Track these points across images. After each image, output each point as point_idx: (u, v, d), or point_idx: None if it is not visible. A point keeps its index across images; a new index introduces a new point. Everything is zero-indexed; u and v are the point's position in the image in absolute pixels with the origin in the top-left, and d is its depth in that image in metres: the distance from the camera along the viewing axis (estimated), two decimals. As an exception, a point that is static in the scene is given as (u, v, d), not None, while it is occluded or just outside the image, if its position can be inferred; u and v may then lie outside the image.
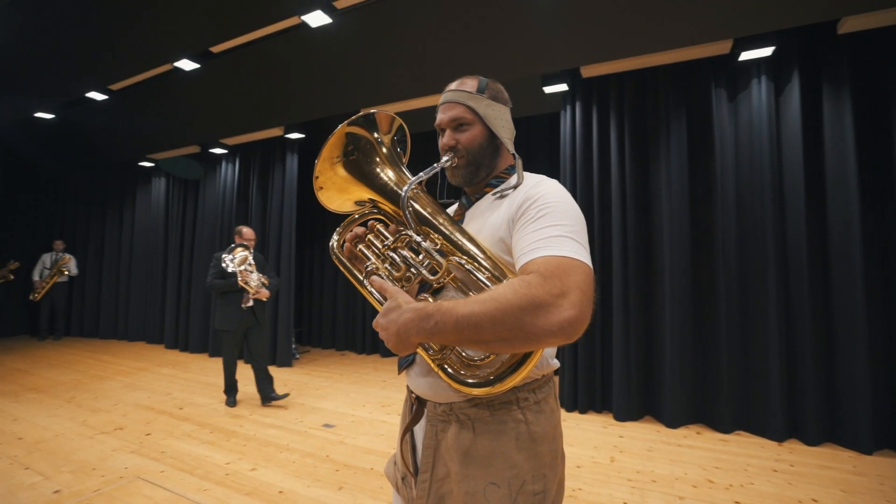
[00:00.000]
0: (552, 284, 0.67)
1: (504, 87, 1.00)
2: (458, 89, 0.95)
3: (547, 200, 0.81)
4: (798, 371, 3.18)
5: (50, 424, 3.38)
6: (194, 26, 3.64)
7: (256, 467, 2.69)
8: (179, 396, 4.15)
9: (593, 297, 0.71)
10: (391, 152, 1.00)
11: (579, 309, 0.66)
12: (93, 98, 5.06)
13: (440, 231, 0.86)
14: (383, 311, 0.76)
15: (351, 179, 0.96)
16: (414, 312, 0.72)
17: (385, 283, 0.81)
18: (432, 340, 0.73)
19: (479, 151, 0.94)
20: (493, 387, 0.74)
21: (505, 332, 0.66)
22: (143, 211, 7.33)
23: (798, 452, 2.96)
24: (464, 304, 0.69)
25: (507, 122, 0.97)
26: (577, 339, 2.82)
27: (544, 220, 0.78)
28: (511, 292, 0.67)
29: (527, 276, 0.70)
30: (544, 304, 0.66)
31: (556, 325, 0.65)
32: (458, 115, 0.94)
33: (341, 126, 0.94)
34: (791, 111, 3.29)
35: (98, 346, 6.69)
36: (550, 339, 0.67)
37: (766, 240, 3.28)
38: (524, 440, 0.82)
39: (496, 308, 0.66)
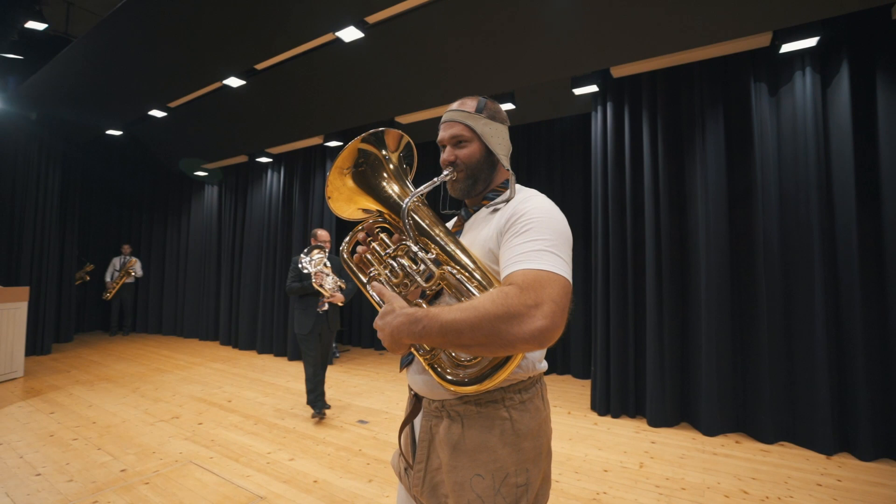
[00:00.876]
0: (527, 296, 0.73)
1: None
2: (458, 109, 1.03)
3: (532, 216, 0.87)
4: (849, 380, 2.98)
5: (118, 411, 3.76)
6: (240, 47, 3.93)
7: (294, 457, 2.88)
8: (229, 390, 4.47)
9: (567, 307, 0.77)
10: (397, 168, 1.09)
11: (551, 319, 0.72)
12: (154, 115, 5.55)
13: (437, 242, 0.94)
14: (381, 314, 0.85)
15: (358, 190, 1.06)
16: (405, 317, 0.80)
17: (384, 289, 0.90)
18: (421, 342, 0.81)
19: (476, 166, 1.02)
20: (475, 386, 0.82)
21: (482, 338, 0.73)
22: (197, 217, 7.92)
23: (848, 467, 2.78)
24: (449, 310, 0.77)
25: (503, 139, 1.03)
26: (610, 343, 2.84)
27: (528, 235, 0.84)
28: (489, 302, 0.74)
29: (506, 287, 0.77)
30: (518, 314, 0.72)
31: (528, 333, 0.72)
32: (457, 132, 1.02)
33: (353, 141, 1.03)
34: (840, 103, 3.10)
35: (160, 342, 7.29)
36: (524, 346, 0.73)
37: (812, 241, 3.11)
38: (509, 436, 0.88)
39: (475, 316, 0.73)
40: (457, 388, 0.84)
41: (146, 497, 2.35)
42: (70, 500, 2.30)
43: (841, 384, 3.02)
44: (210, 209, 7.64)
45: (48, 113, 5.93)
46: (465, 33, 3.67)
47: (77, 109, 5.71)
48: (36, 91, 5.30)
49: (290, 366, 5.67)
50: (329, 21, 3.47)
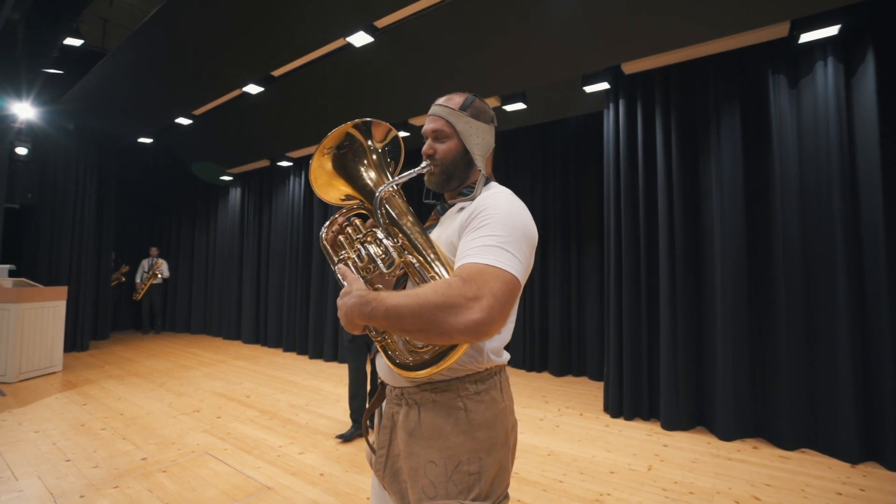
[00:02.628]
0: (468, 288, 0.75)
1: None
2: (443, 104, 1.06)
3: (490, 212, 0.89)
4: (876, 385, 2.83)
5: (145, 404, 3.96)
6: (257, 55, 4.09)
7: (304, 451, 2.96)
8: (248, 386, 4.63)
9: (509, 304, 0.78)
10: (379, 158, 1.12)
11: (487, 313, 0.74)
12: (181, 123, 5.82)
13: (404, 231, 0.97)
14: (341, 294, 0.90)
15: (335, 174, 1.09)
16: (358, 298, 0.84)
17: (347, 271, 0.95)
18: (370, 324, 0.85)
19: (451, 163, 1.04)
20: (419, 371, 0.84)
21: (422, 324, 0.76)
22: (223, 220, 8.22)
23: (874, 477, 2.64)
24: (395, 296, 0.80)
25: (483, 139, 1.05)
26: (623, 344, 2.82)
27: (482, 231, 0.86)
28: (432, 291, 0.77)
29: (451, 278, 0.80)
30: (456, 305, 0.74)
31: (463, 324, 0.74)
32: (438, 127, 1.04)
33: (343, 125, 1.06)
34: (865, 94, 2.95)
35: (188, 340, 7.60)
36: (459, 337, 0.75)
37: (835, 238, 2.97)
38: (462, 425, 0.90)
39: (417, 303, 0.76)
40: (402, 372, 0.87)
41: (163, 484, 2.47)
42: (94, 485, 2.45)
43: (867, 389, 2.87)
44: (235, 212, 7.92)
45: (85, 123, 6.31)
46: (474, 33, 3.69)
47: (111, 119, 6.06)
48: (74, 103, 5.65)
49: (310, 364, 5.81)
50: (339, 26, 3.56)
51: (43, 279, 6.03)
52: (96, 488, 2.41)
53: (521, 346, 5.46)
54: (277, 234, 7.04)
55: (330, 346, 6.00)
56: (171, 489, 2.42)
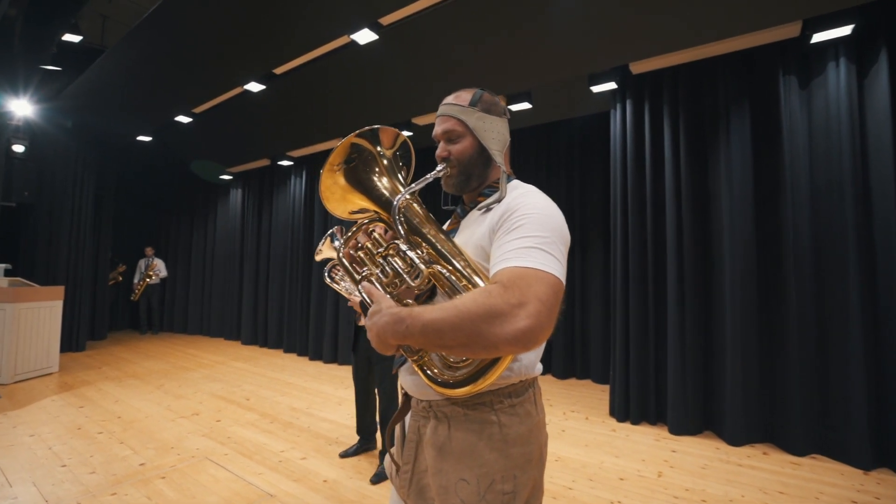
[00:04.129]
0: (511, 294, 0.70)
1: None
2: (451, 103, 1.00)
3: (524, 212, 0.83)
4: (889, 390, 2.78)
5: (143, 407, 3.88)
6: (259, 52, 4.02)
7: (306, 457, 2.90)
8: (248, 388, 4.56)
9: (556, 308, 0.72)
10: (392, 165, 1.06)
11: (535, 319, 0.68)
12: (180, 121, 5.75)
13: (428, 240, 0.91)
14: (369, 314, 0.83)
15: (349, 188, 1.03)
16: (390, 316, 0.77)
17: (372, 288, 0.88)
18: (406, 343, 0.78)
19: (469, 162, 0.98)
20: (463, 389, 0.79)
21: (464, 339, 0.70)
22: (223, 220, 8.15)
23: (888, 484, 2.59)
24: (431, 310, 0.74)
25: (499, 133, 0.99)
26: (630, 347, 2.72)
27: (518, 232, 0.81)
28: (471, 301, 0.71)
29: (490, 285, 0.74)
30: (501, 314, 0.68)
31: (510, 334, 0.68)
32: (449, 127, 0.99)
33: (348, 137, 1.00)
34: (878, 95, 2.91)
35: (186, 341, 7.52)
36: (507, 348, 0.69)
37: (847, 240, 2.92)
38: (496, 441, 0.84)
39: (456, 315, 0.70)
40: (444, 391, 0.81)
41: (161, 491, 2.41)
42: (91, 492, 2.38)
43: (879, 394, 2.82)
44: (234, 212, 7.85)
45: (83, 121, 6.23)
46: (480, 32, 3.64)
47: (110, 117, 5.98)
48: (72, 100, 5.58)
49: (311, 365, 5.74)
50: (343, 23, 3.51)
51: (40, 279, 5.95)
52: (93, 495, 2.35)
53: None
54: (278, 234, 6.97)
55: (330, 348, 5.93)
56: (170, 497, 2.35)
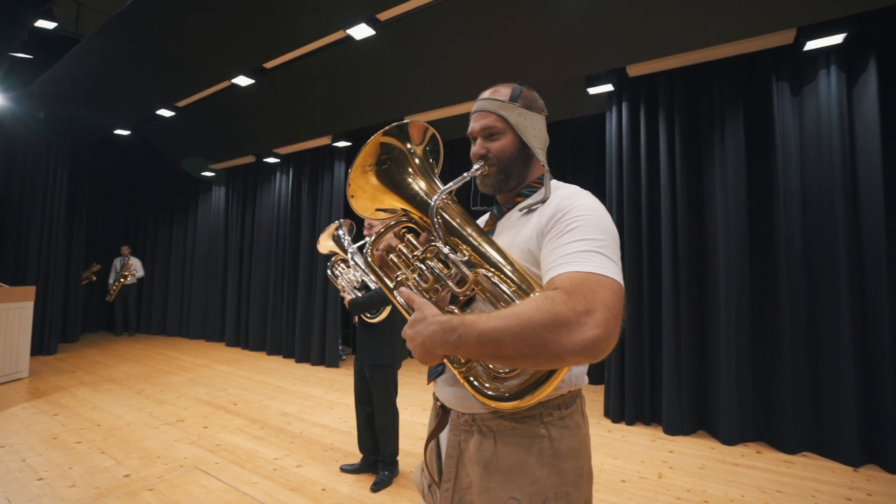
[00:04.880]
0: (576, 301, 0.66)
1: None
2: (490, 98, 0.95)
3: (577, 213, 0.79)
4: (877, 389, 2.87)
5: (123, 413, 3.70)
6: (250, 45, 3.89)
7: (302, 464, 2.80)
8: (234, 393, 4.40)
9: (622, 315, 0.69)
10: (423, 162, 1.01)
11: (604, 328, 0.64)
12: (162, 115, 5.53)
13: (469, 242, 0.86)
14: (410, 322, 0.77)
15: (382, 188, 0.98)
16: (439, 325, 0.72)
17: (413, 295, 0.82)
18: (456, 353, 0.73)
19: (509, 160, 0.94)
20: (516, 402, 0.74)
21: (526, 349, 0.65)
22: (204, 218, 7.89)
23: (878, 480, 2.66)
24: (487, 318, 0.69)
25: (539, 130, 0.95)
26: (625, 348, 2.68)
27: (573, 234, 0.76)
28: (533, 308, 0.66)
29: (551, 291, 0.69)
30: (567, 322, 0.64)
31: (579, 344, 0.63)
32: (489, 124, 0.94)
33: (375, 136, 0.95)
34: (867, 103, 3.00)
35: (165, 343, 7.25)
36: (573, 358, 0.65)
37: (837, 244, 3.00)
38: (547, 456, 0.80)
39: (518, 324, 0.65)
40: (496, 404, 0.76)
41: (150, 504, 2.28)
42: (72, 507, 2.24)
43: (868, 393, 2.90)
44: (217, 210, 7.61)
45: (56, 112, 5.93)
46: (477, 31, 3.60)
47: (85, 109, 5.70)
48: (44, 90, 5.29)
49: (297, 368, 5.60)
50: (340, 18, 3.41)
51: (9, 278, 5.62)
52: (76, 510, 2.21)
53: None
54: (263, 232, 6.78)
55: (318, 350, 5.80)
56: (160, 509, 2.23)
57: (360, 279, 2.57)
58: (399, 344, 2.55)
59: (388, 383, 2.54)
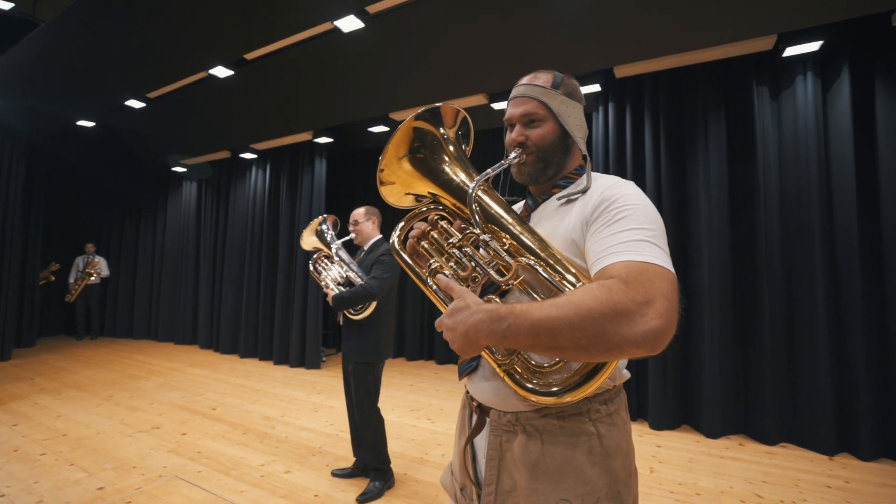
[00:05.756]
0: (635, 291, 0.63)
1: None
2: (531, 83, 0.92)
3: (626, 202, 0.77)
4: (850, 381, 3.01)
5: (91, 422, 3.47)
6: (231, 35, 3.72)
7: (290, 469, 2.69)
8: (212, 397, 4.21)
9: (679, 307, 0.67)
10: (457, 148, 0.98)
11: (666, 319, 0.62)
12: (131, 106, 5.24)
13: (508, 230, 0.83)
14: (450, 311, 0.73)
15: (416, 174, 0.95)
16: (485, 314, 0.68)
17: (451, 282, 0.79)
18: (503, 344, 0.70)
19: (549, 149, 0.91)
20: (563, 396, 0.71)
21: (583, 340, 0.63)
22: (174, 215, 7.54)
23: (852, 468, 2.79)
24: (539, 307, 0.66)
25: (580, 120, 0.93)
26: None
27: (624, 223, 0.74)
28: (591, 297, 0.64)
29: (607, 280, 0.66)
30: (627, 312, 0.62)
31: (640, 334, 0.61)
32: (530, 110, 0.91)
33: (407, 121, 0.92)
34: (840, 108, 3.14)
35: (132, 346, 6.89)
36: (633, 350, 0.63)
37: (814, 243, 3.13)
38: (597, 454, 0.78)
39: (575, 313, 0.63)
40: (539, 399, 0.73)
41: (129, 518, 2.14)
42: (41, 524, 2.07)
43: (841, 386, 3.04)
44: (189, 207, 7.29)
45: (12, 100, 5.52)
46: (467, 29, 3.57)
47: (45, 97, 5.33)
48: None
49: (276, 370, 5.42)
50: (328, 9, 3.31)
51: (-45, 279, 5.20)
52: (46, 527, 2.04)
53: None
54: (237, 230, 6.53)
55: (297, 352, 5.63)
56: (140, 523, 2.09)
57: (344, 275, 2.46)
58: (384, 341, 2.47)
59: (369, 381, 2.41)
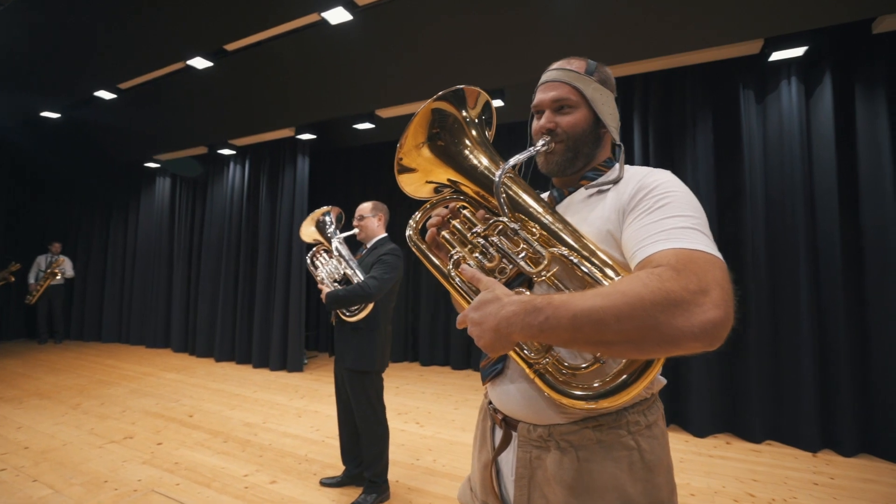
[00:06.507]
0: (688, 280, 0.58)
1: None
2: (563, 68, 0.86)
3: (666, 189, 0.73)
4: (832, 380, 3.08)
5: (56, 432, 3.25)
6: (211, 24, 3.55)
7: (276, 479, 2.57)
8: (188, 403, 4.02)
9: (735, 298, 0.61)
10: (480, 132, 0.92)
11: (724, 310, 0.57)
12: (101, 97, 4.96)
13: (538, 220, 0.78)
14: (477, 304, 0.67)
15: (436, 161, 0.89)
16: (519, 305, 0.62)
17: (478, 273, 0.73)
18: (539, 339, 0.64)
19: (580, 138, 0.85)
20: (603, 400, 0.65)
21: (634, 333, 0.57)
22: (147, 213, 7.22)
23: (836, 464, 2.86)
24: (581, 296, 0.60)
25: (613, 109, 0.88)
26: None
27: (666, 210, 0.69)
28: (640, 284, 0.58)
29: (656, 268, 0.61)
30: (682, 302, 0.56)
31: (698, 326, 0.56)
32: (562, 95, 0.85)
33: (427, 104, 0.86)
34: (822, 113, 3.22)
35: (101, 350, 6.54)
36: (689, 344, 0.57)
37: (798, 244, 3.20)
38: (639, 470, 0.72)
39: (624, 303, 0.57)
40: (576, 403, 0.67)
41: (101, 537, 1.98)
42: (2, 547, 1.90)
43: (824, 383, 3.11)
44: (162, 204, 6.99)
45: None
46: (459, 25, 3.50)
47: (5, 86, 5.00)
48: (-46, 62, 4.58)
49: (256, 374, 5.24)
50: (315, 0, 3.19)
51: None
52: (7, 551, 1.87)
53: (475, 349, 5.37)
54: (214, 229, 6.28)
55: (278, 354, 5.45)
56: (114, 542, 1.94)
57: (342, 272, 2.35)
58: (379, 348, 2.37)
59: (369, 392, 2.31)
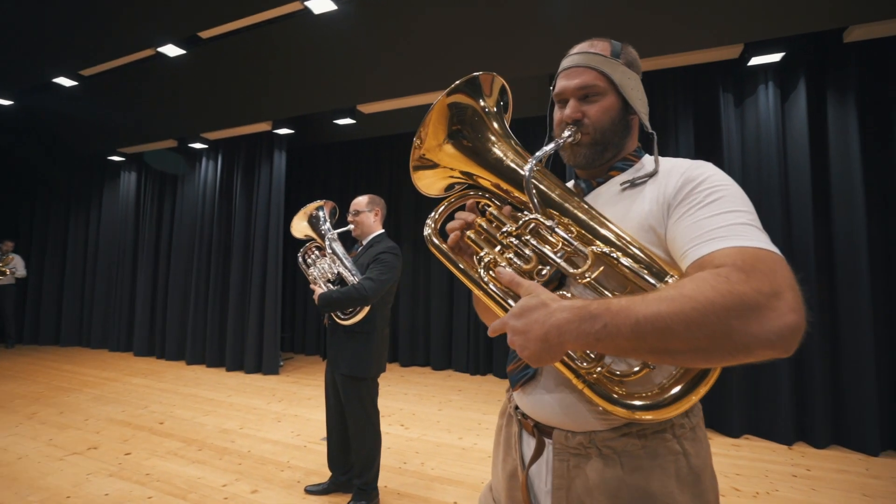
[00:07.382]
0: (759, 281, 0.53)
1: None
2: (587, 52, 0.79)
3: (716, 182, 0.68)
4: (805, 375, 3.20)
5: (10, 445, 3.00)
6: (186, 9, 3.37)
7: (258, 489, 2.44)
8: (158, 409, 3.80)
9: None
10: (501, 123, 0.86)
11: (800, 314, 0.53)
12: (60, 84, 4.64)
13: (572, 216, 0.72)
14: (520, 311, 0.61)
15: (457, 156, 0.83)
16: (573, 312, 0.57)
17: (517, 277, 0.67)
18: (594, 348, 0.58)
19: (609, 128, 0.79)
20: (665, 410, 0.61)
21: (704, 341, 0.52)
22: (110, 208, 6.83)
23: (809, 456, 2.96)
24: (643, 301, 0.55)
25: (642, 93, 0.81)
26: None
27: (719, 205, 0.64)
28: (709, 288, 0.53)
29: (719, 269, 0.56)
30: (756, 306, 0.52)
31: (774, 332, 0.51)
32: (588, 81, 0.78)
33: (442, 97, 0.80)
34: (797, 117, 3.34)
35: (58, 355, 6.14)
36: (764, 351, 0.53)
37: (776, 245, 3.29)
38: (686, 476, 0.68)
39: (693, 308, 0.52)
40: (633, 415, 0.62)
41: (66, 558, 1.82)
42: (-50, 575, 1.71)
43: (798, 380, 3.22)
44: (127, 201, 6.63)
45: None
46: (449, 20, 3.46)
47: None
48: None
49: (230, 377, 5.02)
50: (299, -13, 3.08)
51: None
52: (-44, 579, 1.69)
53: (466, 350, 5.36)
54: (184, 227, 6.00)
55: (253, 356, 5.25)
56: (80, 564, 1.79)
57: (335, 271, 2.24)
58: (376, 353, 2.26)
59: (363, 398, 2.22)
